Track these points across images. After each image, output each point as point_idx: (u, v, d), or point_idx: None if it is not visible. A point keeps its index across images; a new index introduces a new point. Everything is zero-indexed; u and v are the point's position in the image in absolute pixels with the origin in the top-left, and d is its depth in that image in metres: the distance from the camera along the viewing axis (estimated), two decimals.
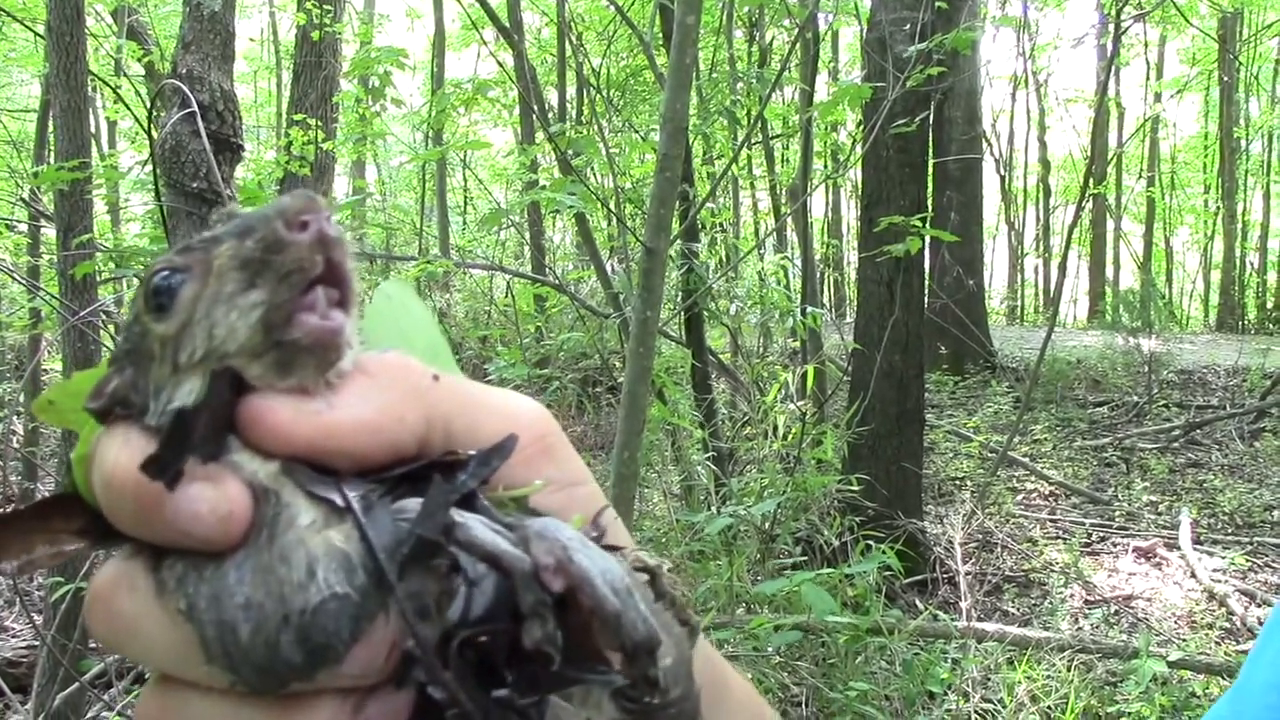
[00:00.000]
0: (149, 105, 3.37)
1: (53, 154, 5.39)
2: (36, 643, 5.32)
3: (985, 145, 21.87)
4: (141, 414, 0.46)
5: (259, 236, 0.45)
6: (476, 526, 0.45)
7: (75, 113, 4.84)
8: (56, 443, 5.75)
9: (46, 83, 5.86)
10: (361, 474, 0.47)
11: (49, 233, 7.10)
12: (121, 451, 0.45)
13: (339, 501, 0.45)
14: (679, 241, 6.44)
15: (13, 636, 6.42)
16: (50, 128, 5.94)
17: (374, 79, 6.85)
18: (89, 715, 4.59)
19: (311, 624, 0.44)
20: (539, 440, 0.53)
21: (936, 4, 7.05)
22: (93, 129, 10.80)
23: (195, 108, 2.67)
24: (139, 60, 8.46)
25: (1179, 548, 8.08)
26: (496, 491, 0.49)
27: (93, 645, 5.37)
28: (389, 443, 0.47)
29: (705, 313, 7.78)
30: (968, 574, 6.94)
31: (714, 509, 5.96)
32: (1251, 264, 28.59)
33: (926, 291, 9.41)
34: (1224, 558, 7.91)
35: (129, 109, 7.00)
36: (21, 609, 6.11)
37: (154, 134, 2.99)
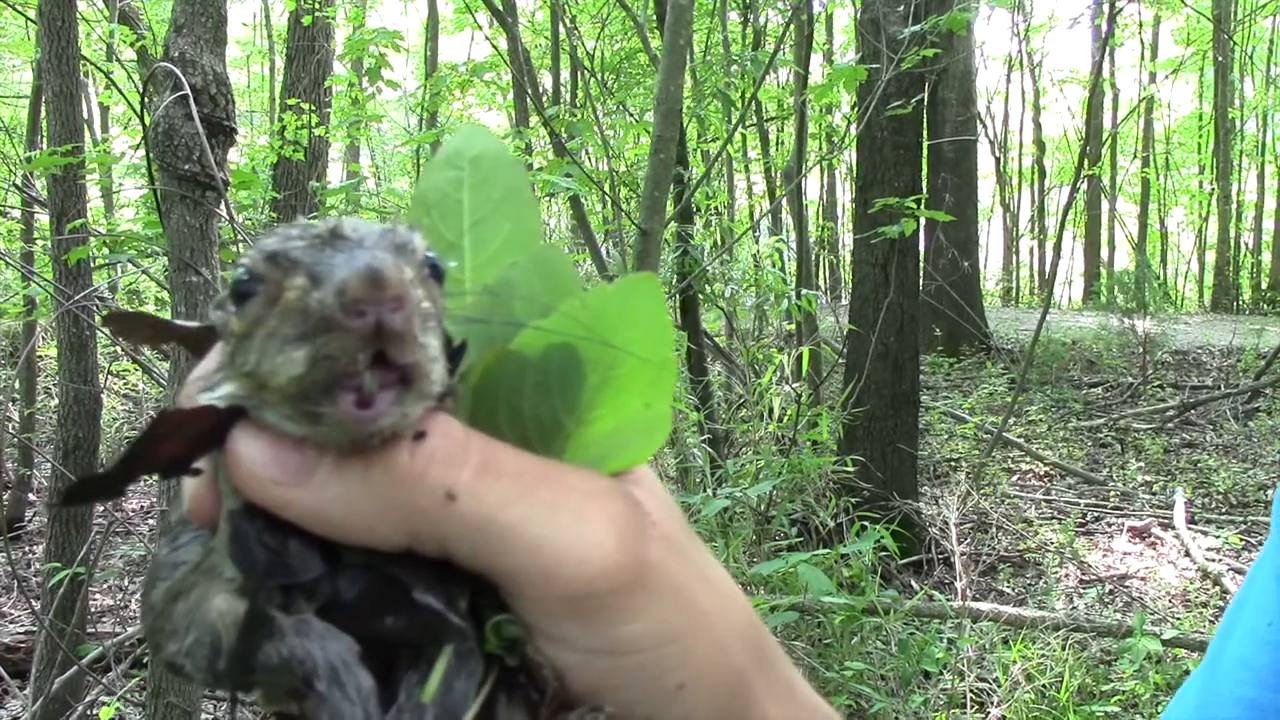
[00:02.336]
0: (141, 89, 3.36)
1: (45, 140, 5.38)
2: (35, 628, 5.33)
3: (980, 127, 21.86)
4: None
5: (318, 302, 0.42)
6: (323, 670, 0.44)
7: (67, 98, 4.83)
8: (52, 429, 5.75)
9: (38, 68, 5.84)
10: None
11: (43, 219, 7.09)
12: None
13: (246, 587, 0.45)
14: (674, 224, 6.45)
15: (11, 622, 6.43)
16: (43, 113, 5.92)
17: (368, 60, 6.82)
18: (87, 699, 4.60)
19: (167, 662, 0.47)
20: (571, 601, 0.44)
21: None
22: (86, 114, 10.77)
23: (187, 91, 2.66)
24: (131, 45, 8.42)
25: (1173, 527, 8.10)
26: (499, 620, 0.46)
27: (90, 630, 5.39)
28: (351, 539, 0.44)
29: (701, 295, 7.79)
30: (963, 554, 6.96)
31: (710, 491, 5.97)
32: (1246, 244, 28.62)
33: (921, 273, 9.43)
34: (1218, 537, 7.93)
35: (121, 94, 6.98)
36: (20, 594, 6.13)
37: (146, 118, 2.99)
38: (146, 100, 3.18)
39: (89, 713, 4.62)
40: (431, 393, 0.44)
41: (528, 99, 8.69)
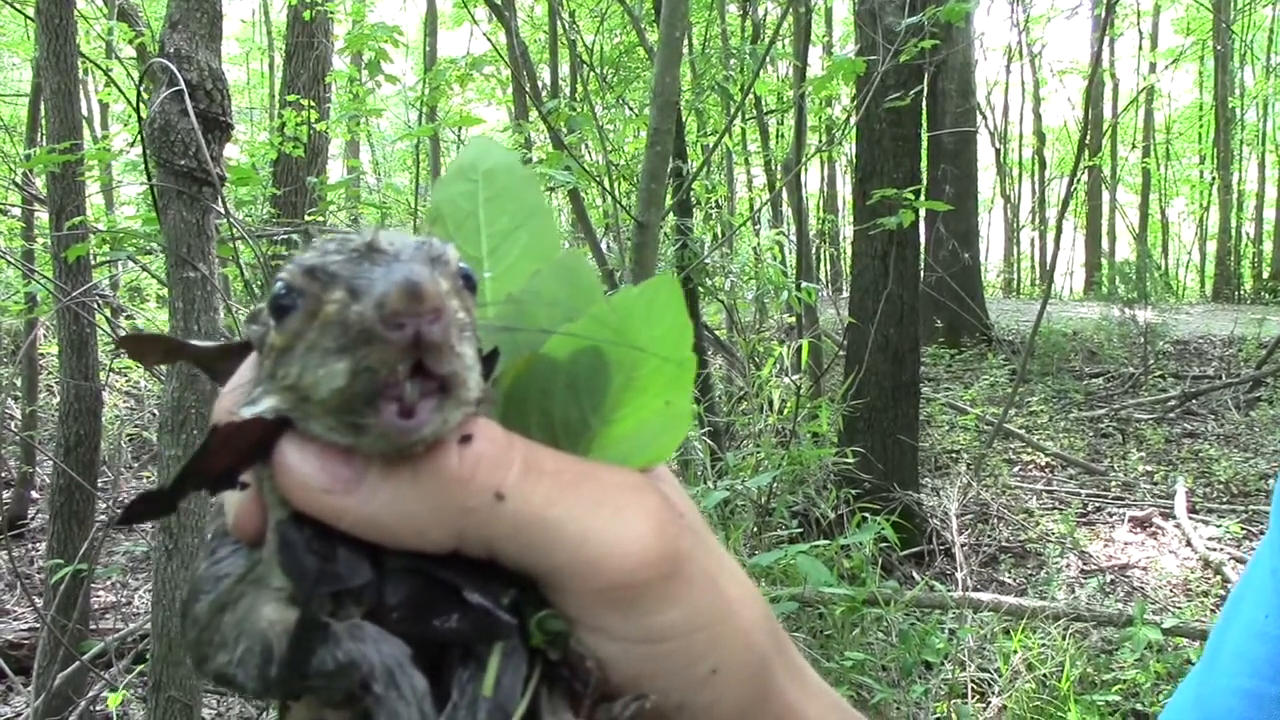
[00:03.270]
0: (137, 85, 3.37)
1: (44, 137, 5.38)
2: (38, 625, 5.35)
3: (980, 118, 21.84)
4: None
5: (357, 315, 0.43)
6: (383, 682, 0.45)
7: (66, 95, 4.83)
8: (54, 426, 5.76)
9: (37, 66, 5.85)
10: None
11: (43, 216, 7.09)
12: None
13: (297, 596, 0.46)
14: (673, 217, 6.45)
15: (14, 619, 6.44)
16: (42, 111, 5.92)
17: (368, 54, 6.82)
18: (90, 695, 4.62)
19: (215, 674, 0.48)
20: (611, 592, 0.46)
21: None
22: (85, 112, 10.76)
23: (183, 86, 2.66)
24: (130, 42, 8.42)
25: (1174, 517, 8.11)
26: (543, 615, 0.47)
27: (92, 627, 5.40)
28: (403, 544, 0.46)
29: (700, 288, 7.79)
30: (964, 545, 6.97)
31: (710, 483, 5.98)
32: (1247, 234, 28.59)
33: (922, 265, 9.42)
34: (1219, 526, 7.94)
35: (120, 90, 6.98)
36: (22, 591, 6.14)
37: (143, 111, 2.99)
38: (143, 95, 3.19)
39: (91, 708, 4.64)
40: (469, 399, 0.45)
41: (526, 94, 8.69)
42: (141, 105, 3.17)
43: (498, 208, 0.56)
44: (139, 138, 3.12)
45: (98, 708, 4.91)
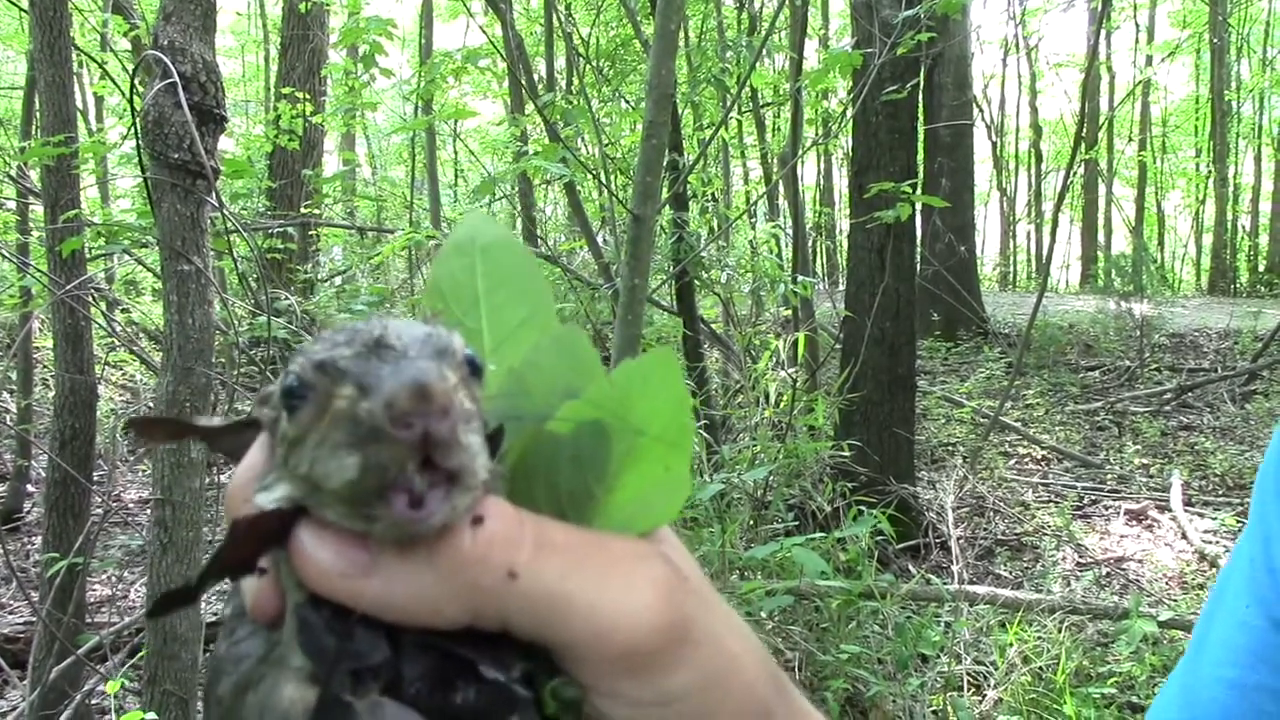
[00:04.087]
0: (132, 77, 3.36)
1: (39, 130, 5.37)
2: (33, 619, 5.34)
3: (976, 111, 21.83)
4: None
5: (367, 413, 0.44)
6: None
7: (60, 88, 4.81)
8: (49, 419, 5.76)
9: (31, 59, 5.83)
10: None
11: (37, 210, 7.08)
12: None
13: (317, 675, 0.47)
14: (669, 210, 6.44)
15: (10, 613, 6.44)
16: (36, 104, 5.90)
17: (364, 47, 6.81)
18: (85, 688, 4.61)
19: None
20: (624, 659, 0.47)
21: None
22: (80, 105, 10.74)
23: (176, 79, 2.65)
24: (124, 35, 8.40)
25: (1170, 510, 8.12)
26: (557, 683, 0.48)
27: (88, 620, 5.39)
28: (420, 623, 0.46)
29: (696, 281, 7.79)
30: (960, 538, 6.98)
31: (706, 476, 5.98)
32: (1243, 227, 28.60)
33: (918, 258, 9.41)
34: (1215, 519, 7.95)
35: (114, 83, 6.96)
36: (18, 586, 6.13)
37: (137, 102, 2.99)
38: (136, 88, 3.18)
39: (86, 702, 4.63)
40: (477, 484, 0.46)
41: (522, 88, 8.68)
42: (136, 98, 3.16)
43: (495, 281, 0.58)
44: (133, 131, 3.11)
45: (93, 701, 4.91)
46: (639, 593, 0.47)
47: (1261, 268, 26.59)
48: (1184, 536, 7.58)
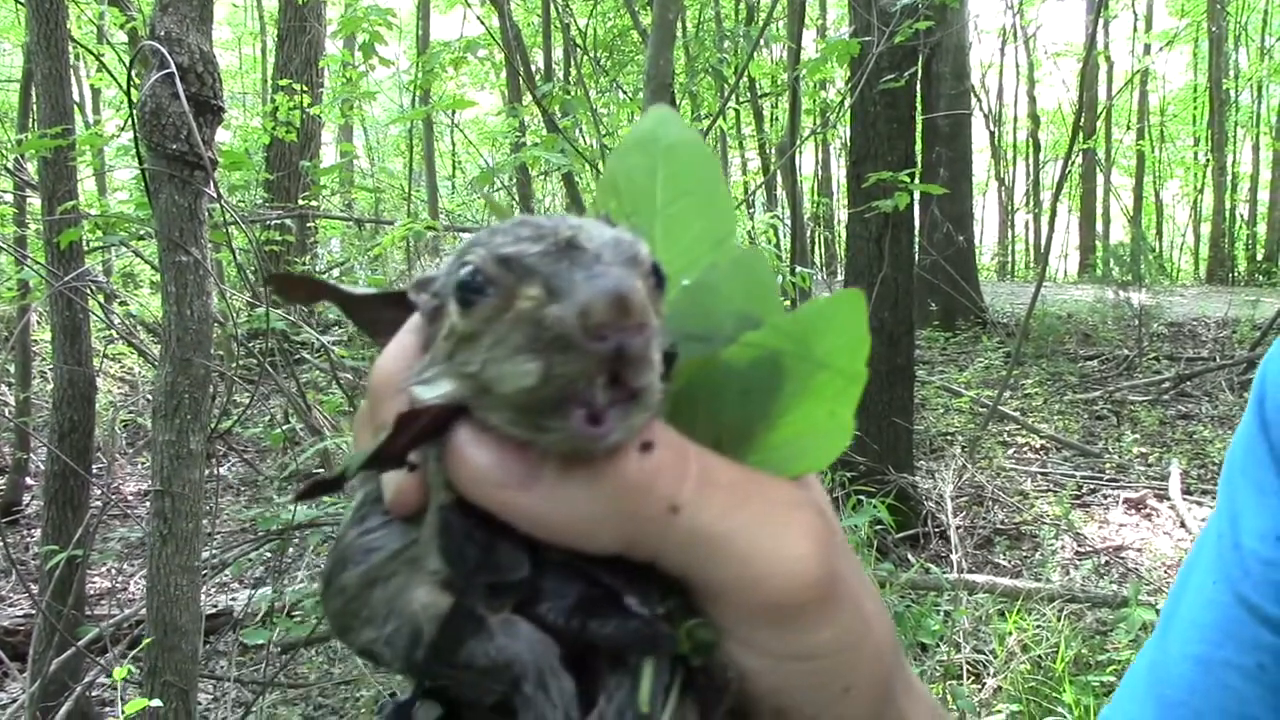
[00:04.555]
0: (128, 69, 3.35)
1: (36, 122, 5.36)
2: (33, 611, 5.35)
3: (974, 100, 21.81)
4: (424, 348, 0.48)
5: (556, 319, 0.41)
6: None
7: (57, 80, 4.80)
8: (48, 412, 5.76)
9: (28, 51, 5.82)
10: None
11: (35, 202, 7.07)
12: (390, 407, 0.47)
13: (453, 583, 0.46)
14: None
15: (9, 606, 6.44)
16: (33, 96, 5.89)
17: (362, 37, 6.80)
18: (86, 680, 4.62)
19: (360, 648, 0.48)
20: (771, 610, 0.46)
21: None
22: (76, 97, 10.71)
23: (174, 70, 2.65)
24: (121, 27, 8.38)
25: (1169, 498, 8.13)
26: (694, 624, 0.46)
27: (88, 613, 5.40)
28: (570, 545, 0.45)
29: None
30: (959, 527, 6.98)
31: None
32: (1241, 216, 28.60)
33: (916, 248, 9.41)
34: (1213, 507, 7.93)
35: (111, 75, 6.95)
36: (17, 578, 6.14)
37: (134, 94, 2.98)
38: (133, 79, 3.17)
39: (86, 694, 4.64)
40: (654, 405, 0.44)
41: (520, 78, 8.67)
42: (133, 90, 3.15)
43: (675, 186, 0.55)
44: (130, 122, 3.11)
45: (93, 693, 4.92)
46: (796, 543, 0.46)
47: (1260, 256, 26.60)
48: (1182, 525, 7.59)
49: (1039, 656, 5.06)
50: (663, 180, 0.55)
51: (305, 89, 11.68)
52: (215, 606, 5.86)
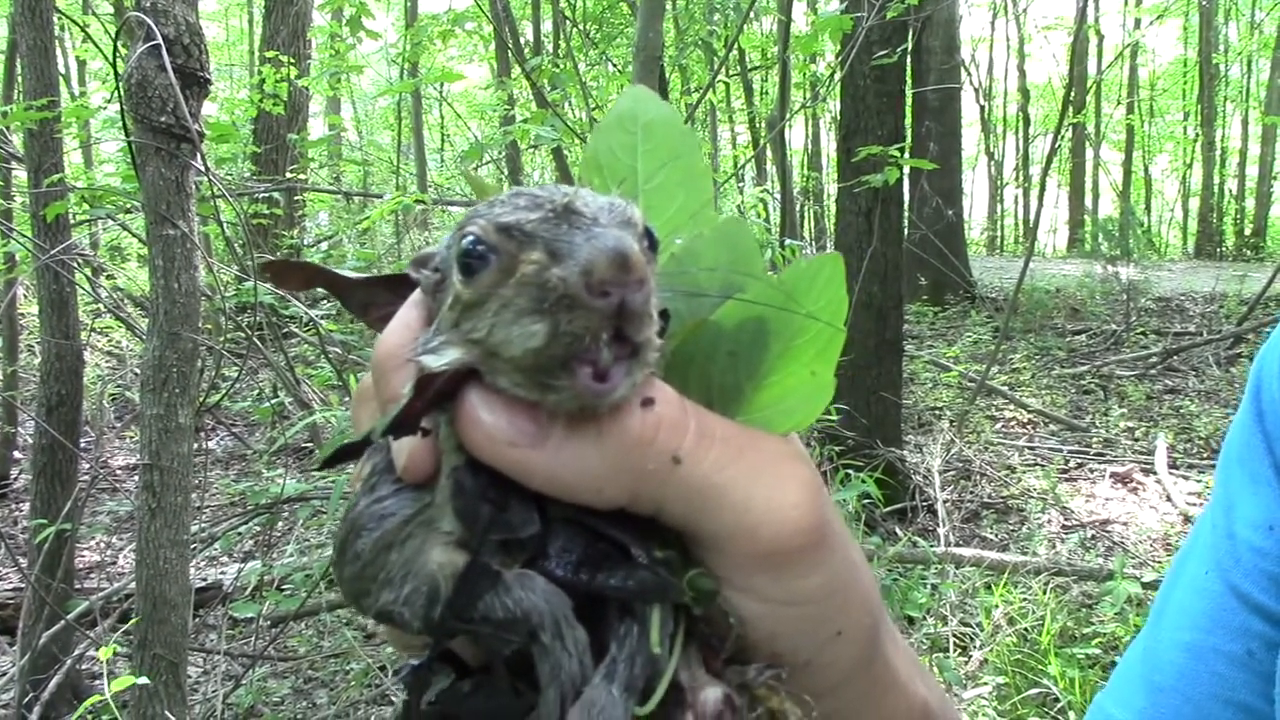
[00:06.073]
0: (114, 40, 3.33)
1: (21, 94, 5.32)
2: (23, 585, 5.35)
3: (964, 74, 21.76)
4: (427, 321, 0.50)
5: (559, 280, 0.43)
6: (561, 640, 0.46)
7: (42, 51, 4.77)
8: (35, 386, 5.74)
9: (12, 22, 5.77)
10: None
11: (21, 175, 7.02)
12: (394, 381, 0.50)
13: (469, 541, 0.48)
14: None
15: None
16: (18, 68, 5.85)
17: (349, 9, 6.75)
18: (75, 653, 4.63)
19: (378, 611, 0.50)
20: (767, 556, 0.49)
21: None
22: (62, 69, 10.64)
23: (160, 41, 2.63)
24: None
25: (1155, 472, 8.16)
26: (695, 573, 0.49)
27: (77, 586, 5.40)
28: (579, 499, 0.47)
29: None
30: (946, 501, 7.01)
31: None
32: (1230, 190, 28.63)
33: (905, 222, 9.41)
34: (1199, 481, 8.00)
35: (97, 47, 6.90)
36: (6, 552, 6.13)
37: (120, 66, 2.96)
38: (119, 51, 3.15)
39: (76, 666, 4.65)
40: (653, 361, 0.47)
41: (509, 51, 8.62)
42: (119, 61, 3.13)
43: (655, 161, 0.57)
44: (116, 94, 3.09)
45: (83, 666, 4.92)
46: (789, 492, 0.49)
47: (1248, 231, 26.64)
48: (1168, 499, 7.63)
49: (1025, 629, 5.10)
50: (643, 156, 0.57)
51: (292, 61, 11.60)
52: (205, 580, 5.86)
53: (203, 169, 2.99)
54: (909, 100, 10.22)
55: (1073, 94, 14.45)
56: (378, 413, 0.51)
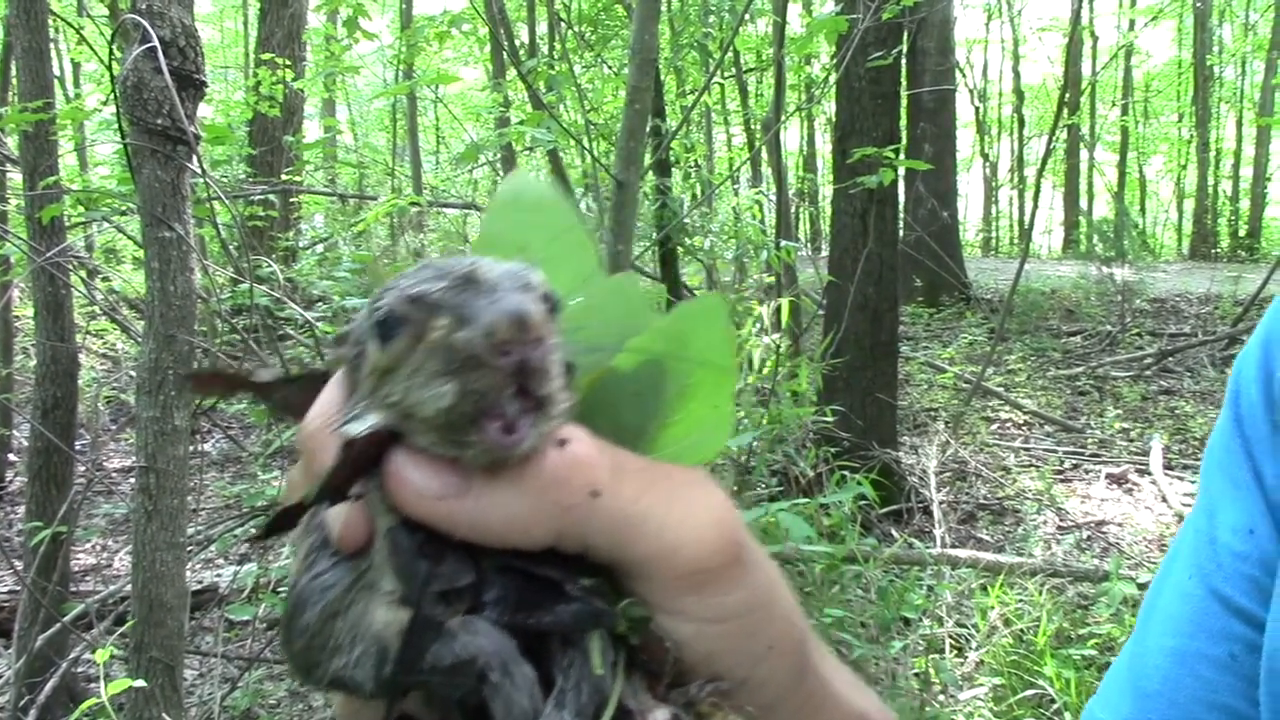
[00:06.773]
0: (110, 42, 3.32)
1: (16, 96, 5.31)
2: (18, 588, 5.34)
3: (959, 76, 21.79)
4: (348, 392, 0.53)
5: (464, 342, 0.47)
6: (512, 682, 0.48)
7: (37, 54, 4.76)
8: (31, 388, 5.73)
9: (7, 24, 5.77)
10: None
11: (16, 177, 7.01)
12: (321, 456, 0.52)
13: (409, 597, 0.50)
14: (652, 176, 6.41)
15: None
16: (13, 70, 5.84)
17: (345, 11, 6.75)
18: (71, 656, 4.62)
19: (331, 679, 0.51)
20: (689, 577, 0.51)
21: None
22: (57, 71, 10.61)
23: (156, 43, 2.63)
24: (102, 0, 8.31)
25: (1150, 473, 8.17)
26: (627, 603, 0.51)
27: (73, 589, 5.39)
28: (508, 543, 0.49)
29: (680, 248, 7.77)
30: (942, 503, 7.02)
31: None
32: (1224, 192, 28.67)
33: (900, 223, 9.41)
34: (1194, 483, 7.99)
35: (92, 49, 6.89)
36: (2, 555, 6.13)
37: (115, 68, 2.96)
38: (115, 53, 3.15)
39: (72, 669, 4.64)
40: (558, 413, 0.49)
41: (504, 53, 8.62)
42: (114, 63, 3.13)
43: (541, 236, 0.62)
44: (112, 96, 3.09)
45: (79, 669, 4.91)
46: (702, 515, 0.52)
47: (1242, 232, 26.69)
48: (1164, 500, 7.64)
49: (1021, 630, 5.10)
50: (531, 233, 0.62)
51: (288, 63, 11.59)
52: (201, 583, 5.85)
53: (198, 171, 2.99)
54: (904, 102, 10.23)
55: (1067, 95, 14.47)
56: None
